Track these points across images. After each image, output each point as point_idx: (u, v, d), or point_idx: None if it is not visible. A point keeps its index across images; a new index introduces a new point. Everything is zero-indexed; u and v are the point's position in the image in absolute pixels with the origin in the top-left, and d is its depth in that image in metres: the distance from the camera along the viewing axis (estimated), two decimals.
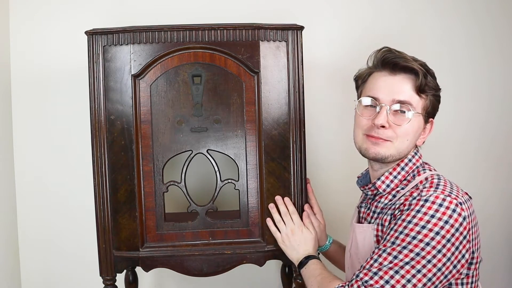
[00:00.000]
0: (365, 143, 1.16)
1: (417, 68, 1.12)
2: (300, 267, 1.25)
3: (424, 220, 1.01)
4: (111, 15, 1.74)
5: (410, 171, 1.17)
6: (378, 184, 1.19)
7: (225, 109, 1.32)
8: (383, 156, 1.14)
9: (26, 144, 1.76)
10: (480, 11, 1.87)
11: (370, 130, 1.14)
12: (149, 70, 1.30)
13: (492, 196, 1.93)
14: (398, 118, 1.13)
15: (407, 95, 1.12)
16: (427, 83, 1.13)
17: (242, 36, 1.30)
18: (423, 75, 1.12)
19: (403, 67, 1.13)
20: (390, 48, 1.17)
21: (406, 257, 1.00)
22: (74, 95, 1.73)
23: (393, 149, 1.14)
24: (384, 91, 1.14)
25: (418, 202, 1.04)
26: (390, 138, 1.13)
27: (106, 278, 1.33)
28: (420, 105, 1.14)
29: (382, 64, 1.16)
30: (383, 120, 1.11)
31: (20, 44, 1.73)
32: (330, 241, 1.42)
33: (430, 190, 1.06)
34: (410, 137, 1.14)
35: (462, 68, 1.88)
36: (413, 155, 1.19)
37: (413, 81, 1.13)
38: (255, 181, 1.34)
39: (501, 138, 1.92)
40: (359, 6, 1.83)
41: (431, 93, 1.15)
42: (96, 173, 1.30)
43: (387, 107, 1.12)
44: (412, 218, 1.02)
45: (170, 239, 1.34)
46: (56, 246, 1.79)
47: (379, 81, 1.16)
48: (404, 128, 1.12)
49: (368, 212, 1.23)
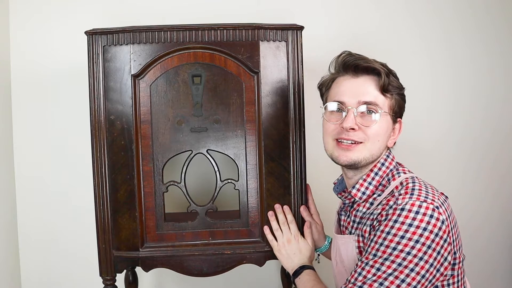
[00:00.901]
0: (336, 150, 1.15)
1: (379, 68, 1.12)
2: (295, 277, 1.24)
3: (403, 230, 1.01)
4: (111, 15, 1.74)
5: (384, 175, 1.17)
6: (353, 192, 1.18)
7: (225, 109, 1.32)
8: (356, 161, 1.13)
9: (26, 144, 1.76)
10: (480, 11, 1.87)
11: (340, 134, 1.13)
12: (149, 70, 1.30)
13: (491, 196, 1.93)
14: (366, 119, 1.12)
15: (372, 96, 1.12)
16: (390, 82, 1.13)
17: (242, 36, 1.30)
18: (385, 75, 1.12)
19: (364, 68, 1.13)
20: (350, 52, 1.18)
21: (389, 268, 1.00)
22: (74, 95, 1.73)
23: (365, 151, 1.13)
24: (348, 94, 1.13)
25: (394, 212, 1.03)
26: (361, 139, 1.12)
27: (106, 278, 1.33)
28: (387, 105, 1.14)
29: (343, 68, 1.16)
30: (351, 122, 1.11)
31: (20, 44, 1.73)
32: (329, 241, 1.42)
33: (406, 197, 1.05)
34: (381, 137, 1.14)
35: (462, 68, 1.88)
36: (385, 159, 1.18)
37: (376, 81, 1.13)
38: (255, 181, 1.34)
39: (500, 138, 1.92)
40: (359, 6, 1.83)
41: (396, 92, 1.15)
42: (96, 173, 1.30)
43: (353, 109, 1.12)
44: (390, 229, 1.02)
45: (170, 239, 1.34)
46: (56, 246, 1.79)
47: (343, 85, 1.16)
48: (373, 129, 1.12)
49: (348, 221, 1.23)
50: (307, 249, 1.30)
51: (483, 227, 1.93)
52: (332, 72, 1.21)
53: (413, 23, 1.85)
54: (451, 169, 1.90)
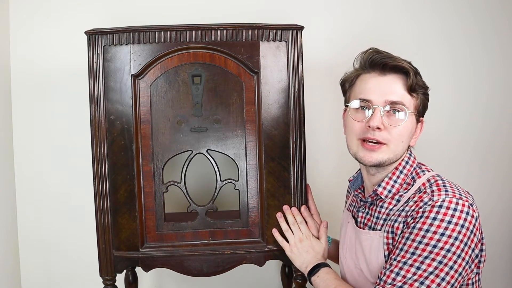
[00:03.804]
0: (361, 150, 1.13)
1: (408, 67, 1.10)
2: (311, 275, 1.22)
3: (442, 227, 1.00)
4: (111, 15, 1.74)
5: (408, 173, 1.16)
6: (379, 190, 1.16)
7: (225, 109, 1.32)
8: (381, 162, 1.12)
9: (26, 144, 1.76)
10: (480, 10, 1.87)
11: (365, 133, 1.11)
12: (149, 70, 1.30)
13: (491, 195, 1.93)
14: (392, 119, 1.11)
15: (399, 95, 1.10)
16: (417, 82, 1.11)
17: (242, 36, 1.30)
18: (413, 74, 1.10)
19: (393, 67, 1.11)
20: (377, 48, 1.15)
21: (430, 266, 0.98)
22: (74, 95, 1.73)
23: (389, 153, 1.11)
24: (375, 92, 1.11)
25: (432, 209, 1.02)
26: (386, 140, 1.10)
27: (106, 278, 1.33)
28: (412, 105, 1.12)
29: (370, 65, 1.13)
30: (378, 121, 1.08)
31: (20, 44, 1.73)
32: (329, 241, 1.42)
33: (441, 193, 1.04)
34: (405, 138, 1.12)
35: (462, 68, 1.88)
36: (408, 157, 1.18)
37: (403, 81, 1.11)
38: (255, 181, 1.34)
39: (500, 138, 1.92)
40: (359, 6, 1.83)
41: (421, 92, 1.13)
42: (96, 173, 1.30)
43: (380, 108, 1.09)
44: (429, 226, 1.00)
45: (170, 239, 1.34)
46: (56, 246, 1.79)
47: (369, 82, 1.13)
48: (399, 130, 1.10)
49: (368, 217, 1.20)
50: (320, 247, 1.29)
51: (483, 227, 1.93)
52: (356, 68, 1.18)
53: (413, 23, 1.85)
54: (450, 169, 1.90)
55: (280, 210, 1.34)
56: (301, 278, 1.39)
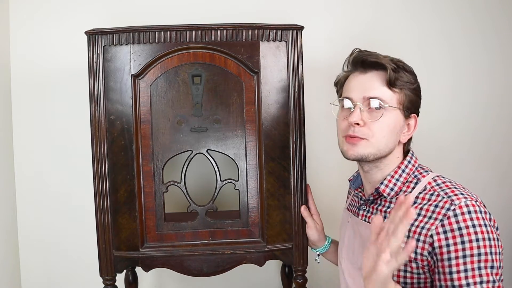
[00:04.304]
0: (344, 145, 1.16)
1: (385, 63, 1.12)
2: None
3: (485, 232, 1.00)
4: (111, 15, 1.74)
5: (411, 172, 1.16)
6: (382, 188, 1.16)
7: (225, 109, 1.32)
8: (362, 155, 1.13)
9: (26, 144, 1.76)
10: (480, 10, 1.87)
11: (347, 130, 1.14)
12: (149, 70, 1.30)
13: (491, 195, 1.93)
14: (372, 114, 1.12)
15: (377, 91, 1.12)
16: (398, 77, 1.12)
17: (242, 36, 1.30)
18: (391, 69, 1.11)
19: (371, 64, 1.14)
20: (360, 49, 1.19)
21: (497, 275, 1.00)
22: (74, 95, 1.73)
23: (370, 147, 1.12)
24: (356, 90, 1.15)
25: (464, 217, 1.01)
26: (366, 135, 1.12)
27: (106, 278, 1.33)
28: (395, 99, 1.13)
29: (353, 65, 1.18)
30: (356, 117, 1.11)
31: (20, 44, 1.74)
32: (329, 241, 1.42)
33: (460, 197, 1.04)
34: (386, 132, 1.12)
35: (462, 68, 1.88)
36: (411, 157, 1.19)
37: (383, 76, 1.13)
38: (255, 181, 1.34)
39: (500, 137, 1.92)
40: (359, 6, 1.83)
41: (406, 87, 1.13)
42: (96, 173, 1.30)
43: (360, 104, 1.12)
44: (474, 235, 1.00)
45: (170, 239, 1.34)
46: (56, 246, 1.79)
47: (352, 81, 1.17)
48: (378, 124, 1.11)
49: (369, 215, 1.20)
50: None
51: None
52: (345, 71, 1.23)
53: (413, 22, 1.85)
54: (449, 168, 1.90)
55: (280, 209, 1.34)
56: (301, 278, 1.39)
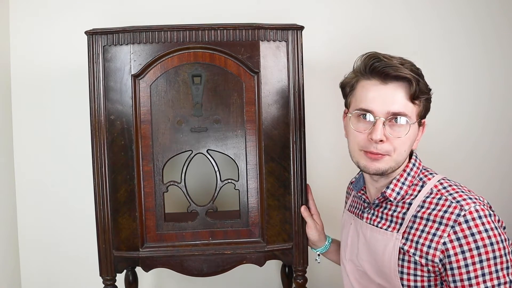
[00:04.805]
0: (363, 159, 1.11)
1: (410, 76, 1.06)
2: None
3: (496, 235, 1.00)
4: (111, 15, 1.74)
5: (416, 175, 1.16)
6: (388, 193, 1.15)
7: (225, 109, 1.32)
8: (383, 171, 1.11)
9: (26, 144, 1.76)
10: (480, 10, 1.87)
11: (368, 146, 1.09)
12: (149, 70, 1.30)
13: (492, 194, 1.92)
14: (395, 129, 1.08)
15: (401, 105, 1.07)
16: (420, 88, 1.08)
17: (242, 36, 1.30)
18: (416, 82, 1.07)
19: (394, 77, 1.07)
20: (377, 53, 1.11)
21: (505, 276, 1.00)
22: (74, 95, 1.73)
23: (392, 162, 1.10)
24: (377, 102, 1.07)
25: (476, 222, 1.01)
26: (388, 152, 1.09)
27: (106, 278, 1.33)
28: (415, 113, 1.10)
29: (371, 73, 1.09)
30: (380, 134, 1.06)
31: (20, 44, 1.73)
32: (329, 241, 1.42)
33: (468, 201, 1.04)
34: (407, 146, 1.11)
35: (462, 68, 1.88)
36: (415, 159, 1.18)
37: (406, 89, 1.07)
38: (255, 181, 1.34)
39: (501, 138, 1.92)
40: (359, 6, 1.83)
41: (424, 98, 1.11)
42: (96, 173, 1.30)
43: (382, 119, 1.07)
44: (488, 239, 1.00)
45: (170, 239, 1.34)
46: (56, 246, 1.79)
47: (370, 90, 1.09)
48: (401, 140, 1.09)
49: (374, 218, 1.19)
50: None
51: None
52: (355, 72, 1.15)
53: (413, 23, 1.85)
54: (449, 169, 1.90)
55: (280, 209, 1.34)
56: (301, 278, 1.39)
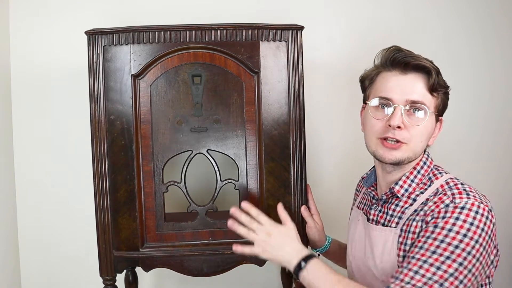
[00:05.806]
0: (380, 148, 1.12)
1: (430, 66, 1.09)
2: (298, 271, 1.10)
3: (465, 228, 0.99)
4: (111, 15, 1.74)
5: (426, 174, 1.16)
6: (396, 189, 1.15)
7: (225, 109, 1.32)
8: (400, 160, 1.11)
9: (26, 144, 1.76)
10: (480, 10, 1.87)
11: (385, 132, 1.10)
12: (149, 70, 1.30)
13: (493, 195, 1.92)
14: (413, 118, 1.10)
15: (420, 95, 1.09)
16: (439, 81, 1.10)
17: (242, 36, 1.30)
18: (435, 74, 1.09)
19: (415, 66, 1.10)
20: (399, 47, 1.14)
21: (450, 267, 0.97)
22: (74, 95, 1.73)
23: (409, 151, 1.10)
24: (396, 91, 1.10)
25: (454, 210, 1.01)
26: (406, 139, 1.09)
27: (106, 278, 1.33)
28: (433, 104, 1.11)
29: (391, 64, 1.12)
30: (398, 121, 1.07)
31: (20, 44, 1.73)
32: (329, 241, 1.42)
33: (463, 196, 1.04)
34: (424, 137, 1.12)
35: (463, 68, 1.88)
36: (426, 158, 1.18)
37: (425, 80, 1.10)
38: (255, 181, 1.34)
39: (502, 138, 1.92)
40: (359, 6, 1.83)
41: (442, 92, 1.13)
42: (96, 173, 1.30)
43: (401, 107, 1.08)
44: (452, 226, 1.00)
45: (170, 239, 1.34)
46: (56, 246, 1.79)
47: (390, 81, 1.12)
48: (419, 129, 1.10)
49: (381, 215, 1.19)
50: (292, 231, 1.18)
51: None
52: (376, 65, 1.17)
53: (413, 23, 1.85)
54: (450, 169, 1.90)
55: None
56: None
